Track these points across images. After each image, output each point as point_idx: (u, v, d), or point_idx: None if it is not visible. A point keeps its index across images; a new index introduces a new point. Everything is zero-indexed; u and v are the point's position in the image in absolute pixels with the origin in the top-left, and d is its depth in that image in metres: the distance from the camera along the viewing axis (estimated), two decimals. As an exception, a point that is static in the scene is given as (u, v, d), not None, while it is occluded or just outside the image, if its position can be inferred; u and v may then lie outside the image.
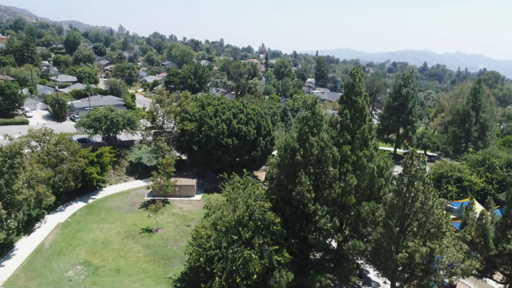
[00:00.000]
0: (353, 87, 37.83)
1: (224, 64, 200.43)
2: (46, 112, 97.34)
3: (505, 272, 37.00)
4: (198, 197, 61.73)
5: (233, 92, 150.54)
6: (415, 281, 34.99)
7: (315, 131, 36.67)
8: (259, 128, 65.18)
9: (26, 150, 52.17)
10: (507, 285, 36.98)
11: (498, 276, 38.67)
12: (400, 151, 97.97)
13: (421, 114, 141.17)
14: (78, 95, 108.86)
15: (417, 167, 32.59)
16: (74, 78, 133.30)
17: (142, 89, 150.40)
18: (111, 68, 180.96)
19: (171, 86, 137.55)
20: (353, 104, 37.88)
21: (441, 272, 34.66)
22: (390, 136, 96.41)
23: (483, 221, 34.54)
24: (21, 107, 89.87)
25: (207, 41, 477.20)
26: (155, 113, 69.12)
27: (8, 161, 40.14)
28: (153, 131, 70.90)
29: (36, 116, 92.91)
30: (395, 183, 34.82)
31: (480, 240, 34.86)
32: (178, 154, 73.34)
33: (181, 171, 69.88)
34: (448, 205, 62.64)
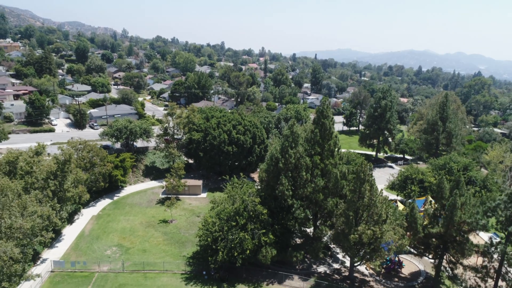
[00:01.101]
0: (322, 112, 50.41)
1: (225, 71, 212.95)
2: (68, 121, 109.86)
3: (436, 250, 49.49)
4: (203, 195, 74.24)
5: (233, 99, 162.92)
6: (368, 257, 47.44)
7: (293, 145, 49.18)
8: (255, 138, 77.74)
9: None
10: (436, 260, 49.46)
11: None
12: (381, 155, 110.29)
13: (405, 121, 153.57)
14: (94, 104, 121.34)
15: (366, 173, 45.16)
16: (89, 87, 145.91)
17: (149, 97, 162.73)
18: (119, 75, 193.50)
19: (177, 94, 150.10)
20: (322, 124, 50.44)
21: (385, 250, 47.24)
22: (372, 141, 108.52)
23: (413, 212, 47.04)
24: (48, 117, 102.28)
25: (208, 45, 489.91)
26: (166, 125, 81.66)
27: (60, 166, 52.64)
28: (165, 138, 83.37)
29: (60, 124, 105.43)
30: (351, 184, 47.24)
31: (412, 225, 47.30)
32: (185, 159, 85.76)
33: (189, 173, 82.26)
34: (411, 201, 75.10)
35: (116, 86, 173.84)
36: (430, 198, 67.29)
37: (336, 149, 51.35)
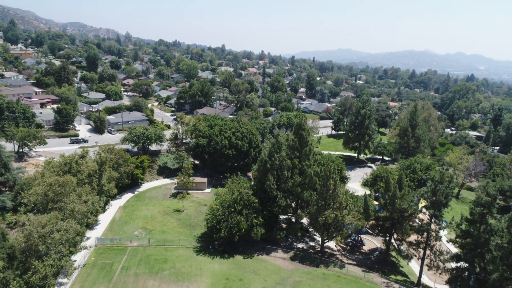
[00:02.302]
0: (300, 125, 66.05)
1: (226, 77, 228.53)
2: (89, 126, 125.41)
3: (386, 231, 64.94)
4: (208, 190, 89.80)
5: (233, 105, 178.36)
6: (333, 235, 62.79)
7: (278, 150, 64.74)
8: (251, 143, 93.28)
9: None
10: (387, 237, 64.88)
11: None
12: (362, 156, 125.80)
13: (388, 125, 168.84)
14: (110, 111, 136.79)
15: (331, 172, 60.59)
16: (103, 95, 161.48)
17: (157, 103, 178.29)
18: (128, 82, 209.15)
19: (182, 101, 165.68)
20: (300, 135, 66.09)
21: (348, 230, 62.69)
22: (354, 144, 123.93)
23: (367, 201, 62.56)
24: (72, 123, 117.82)
25: (209, 48, 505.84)
26: (176, 132, 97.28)
27: (99, 167, 68.23)
28: (174, 141, 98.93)
29: (82, 130, 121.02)
30: (320, 180, 62.63)
31: (366, 211, 62.79)
32: (193, 160, 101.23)
33: (195, 172, 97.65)
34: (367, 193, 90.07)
35: (126, 93, 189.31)
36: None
37: (311, 154, 66.95)
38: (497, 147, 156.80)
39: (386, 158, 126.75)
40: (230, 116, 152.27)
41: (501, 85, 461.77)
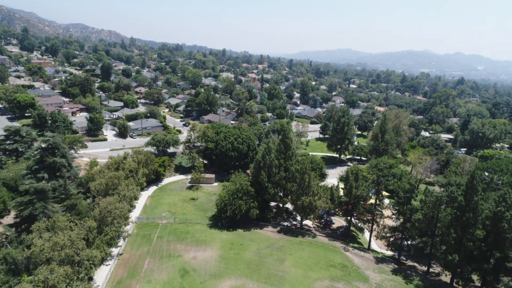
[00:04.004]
0: (285, 134, 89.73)
1: (227, 84, 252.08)
2: (114, 132, 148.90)
3: (347, 213, 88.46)
4: (215, 184, 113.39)
5: (234, 111, 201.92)
6: (309, 216, 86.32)
7: (269, 153, 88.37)
8: (249, 146, 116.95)
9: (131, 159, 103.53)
10: (348, 217, 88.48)
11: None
12: (343, 157, 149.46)
13: (369, 129, 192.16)
14: (129, 118, 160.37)
15: (306, 169, 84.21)
16: (121, 103, 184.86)
17: (167, 110, 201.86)
18: (140, 90, 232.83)
19: (189, 108, 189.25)
20: (285, 142, 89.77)
21: (319, 211, 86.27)
22: (337, 146, 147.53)
23: (333, 188, 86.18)
24: (101, 129, 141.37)
25: (211, 53, 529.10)
26: (189, 137, 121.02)
27: (137, 165, 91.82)
28: (187, 144, 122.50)
29: (109, 135, 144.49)
30: (299, 175, 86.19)
31: (332, 197, 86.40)
32: (202, 160, 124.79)
33: (205, 170, 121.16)
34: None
35: (138, 100, 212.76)
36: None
37: (293, 156, 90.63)
38: (465, 149, 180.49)
39: (363, 158, 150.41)
40: (232, 122, 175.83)
41: (488, 88, 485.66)
